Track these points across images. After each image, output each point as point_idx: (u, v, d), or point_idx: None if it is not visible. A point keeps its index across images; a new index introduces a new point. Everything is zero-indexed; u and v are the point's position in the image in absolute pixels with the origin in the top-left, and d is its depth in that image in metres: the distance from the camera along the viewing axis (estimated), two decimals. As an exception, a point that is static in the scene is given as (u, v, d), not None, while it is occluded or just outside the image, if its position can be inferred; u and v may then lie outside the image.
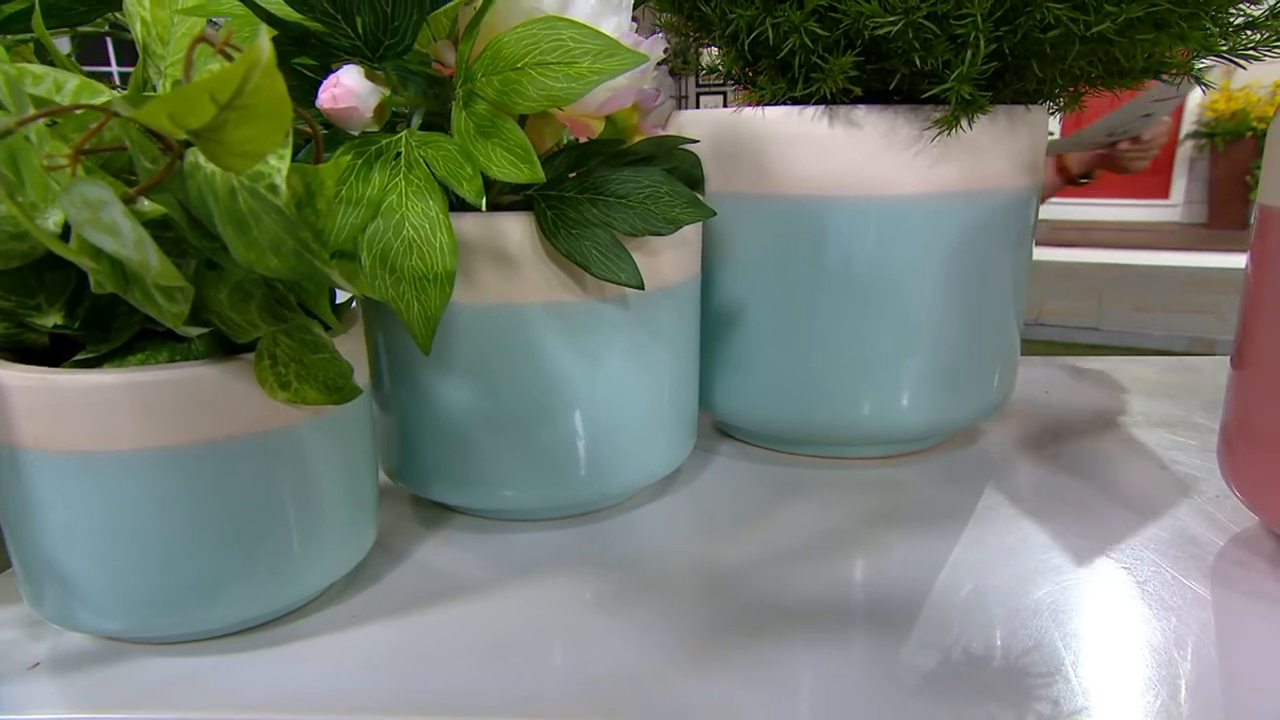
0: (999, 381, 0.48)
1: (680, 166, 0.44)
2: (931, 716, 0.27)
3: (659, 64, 0.41)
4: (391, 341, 0.38)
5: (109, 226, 0.17)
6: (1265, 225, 0.34)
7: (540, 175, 0.27)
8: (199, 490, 0.29)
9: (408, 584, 0.36)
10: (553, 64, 0.26)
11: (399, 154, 0.27)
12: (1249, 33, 0.33)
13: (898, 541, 0.39)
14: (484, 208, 0.27)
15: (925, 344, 0.44)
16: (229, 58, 0.18)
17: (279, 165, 0.19)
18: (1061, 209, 4.51)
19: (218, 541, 0.29)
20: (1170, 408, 0.56)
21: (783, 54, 0.38)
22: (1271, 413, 0.34)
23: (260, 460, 0.29)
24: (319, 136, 0.23)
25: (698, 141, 0.43)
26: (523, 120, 0.34)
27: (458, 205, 0.36)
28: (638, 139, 0.42)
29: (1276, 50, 0.33)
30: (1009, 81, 0.39)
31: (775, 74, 0.41)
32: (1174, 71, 0.41)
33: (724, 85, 0.49)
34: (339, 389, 0.27)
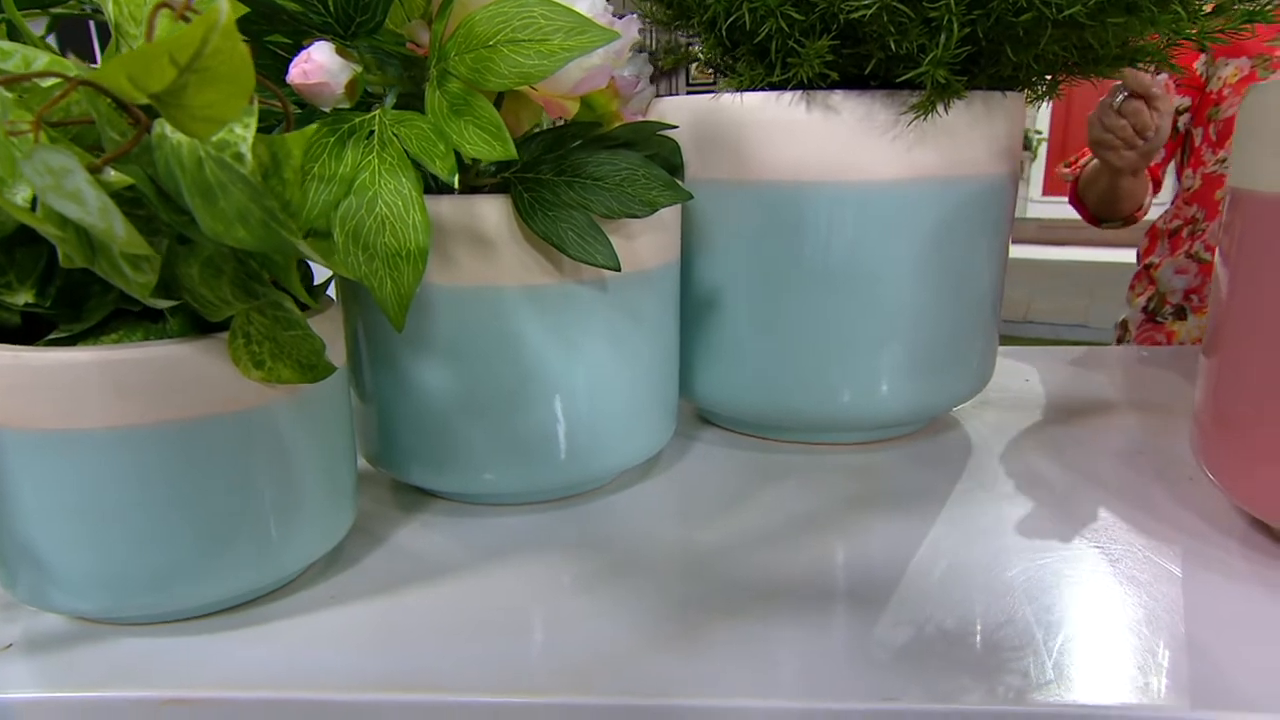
0: (977, 367, 0.48)
1: (660, 153, 0.44)
2: (904, 690, 0.28)
3: (636, 49, 0.41)
4: (370, 326, 0.38)
5: (73, 194, 0.17)
6: (1235, 208, 0.35)
7: (513, 152, 0.27)
8: (173, 469, 0.29)
9: (386, 566, 0.36)
10: (524, 41, 0.26)
11: (372, 132, 0.27)
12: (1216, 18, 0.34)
13: (875, 523, 0.39)
14: (456, 185, 0.27)
15: (903, 330, 0.44)
16: (188, 22, 0.18)
17: (244, 134, 0.19)
18: (1051, 207, 4.54)
19: (193, 521, 0.29)
20: (1148, 394, 0.57)
21: (760, 39, 0.38)
22: (1240, 396, 0.34)
23: (235, 440, 0.29)
24: (289, 110, 0.23)
25: (676, 127, 0.43)
26: (499, 103, 0.34)
27: (435, 188, 0.36)
28: (617, 125, 0.42)
29: (1242, 34, 0.34)
30: (984, 67, 0.39)
31: (753, 60, 0.41)
32: (1148, 60, 0.42)
33: (714, 85, 0.50)
34: (313, 367, 0.28)
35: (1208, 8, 0.34)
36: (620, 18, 0.31)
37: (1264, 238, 0.33)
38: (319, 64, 0.25)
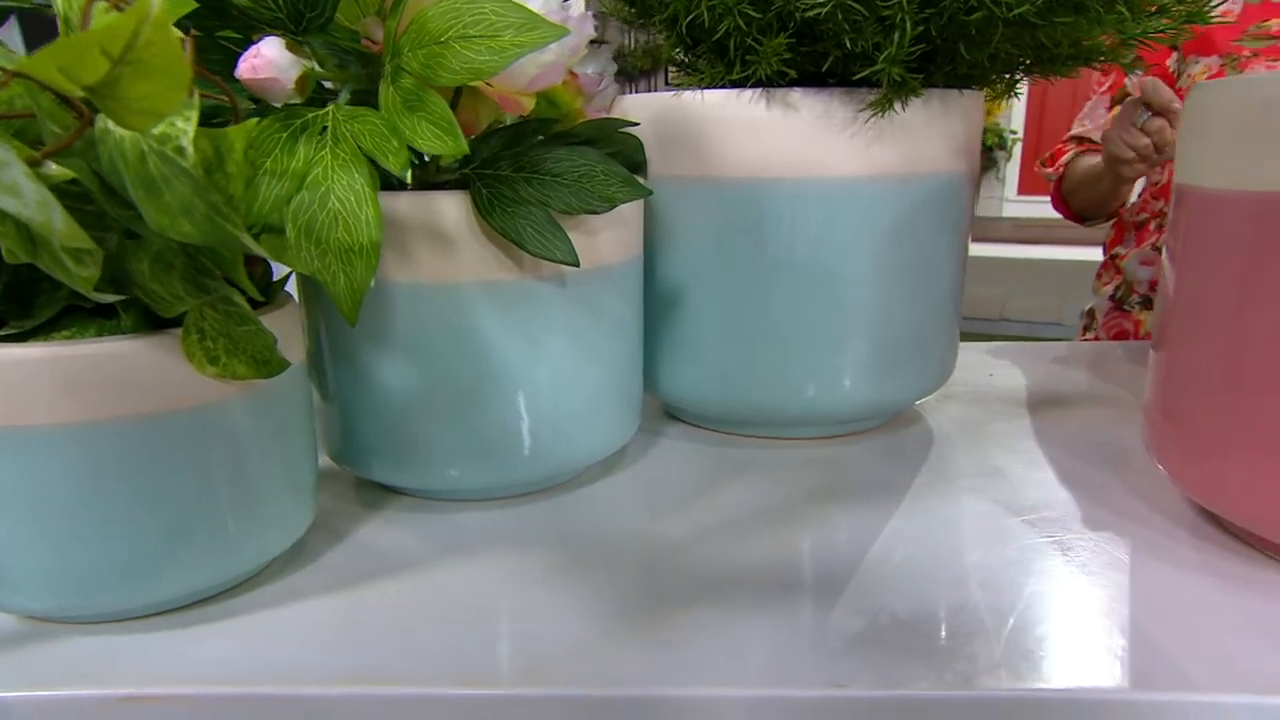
0: (938, 362, 0.49)
1: (623, 150, 0.45)
2: (856, 676, 0.28)
3: (615, 51, 0.41)
4: (331, 323, 0.38)
5: (10, 187, 0.17)
6: (1179, 205, 0.36)
7: (464, 148, 0.27)
8: (127, 466, 0.28)
9: (348, 562, 0.36)
10: (475, 37, 0.26)
11: (325, 128, 0.27)
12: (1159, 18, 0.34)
13: (836, 515, 0.39)
14: (409, 180, 0.27)
15: (865, 326, 0.45)
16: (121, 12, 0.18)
17: (185, 127, 0.19)
18: (1026, 207, 4.58)
19: (148, 518, 0.29)
20: (1106, 388, 0.58)
21: (718, 36, 0.38)
22: (1186, 390, 0.35)
23: (190, 436, 0.29)
24: (236, 104, 0.23)
25: (637, 124, 0.43)
26: (456, 100, 0.34)
27: (395, 184, 0.36)
28: (580, 122, 0.43)
29: (1183, 34, 0.34)
30: (940, 65, 0.40)
31: (714, 57, 0.41)
32: (1102, 60, 0.42)
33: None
34: (266, 362, 0.28)
35: (1152, 8, 0.35)
36: (574, 15, 0.31)
37: (1206, 233, 0.33)
38: (268, 59, 0.25)
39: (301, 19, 0.26)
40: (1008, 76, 0.46)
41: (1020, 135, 4.67)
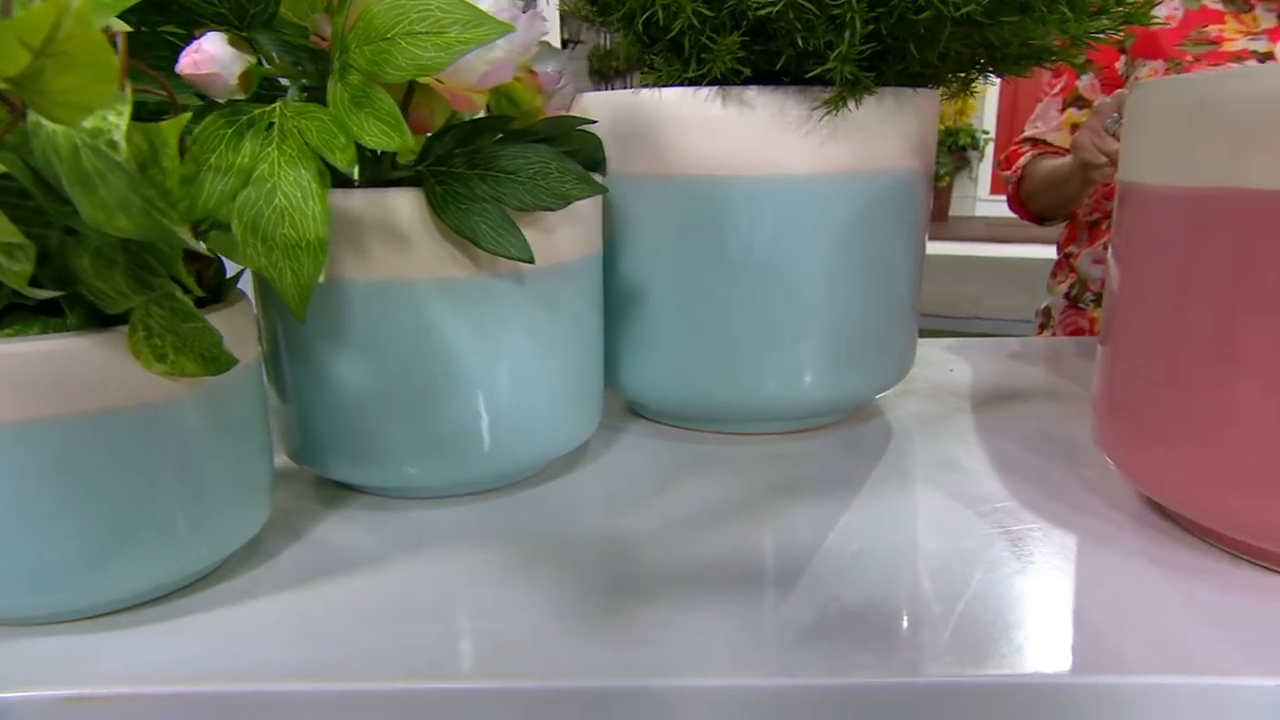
0: (897, 358, 0.50)
1: (583, 148, 0.45)
2: (804, 665, 0.28)
3: (570, 43, 0.41)
4: (287, 321, 0.38)
5: (-62, 181, 0.17)
6: (1123, 201, 0.36)
7: (410, 144, 0.27)
8: (73, 464, 0.28)
9: (304, 560, 0.36)
10: (421, 34, 0.26)
11: (272, 124, 0.27)
12: (1100, 18, 0.35)
13: (794, 509, 0.40)
14: (356, 177, 0.27)
15: (823, 322, 0.45)
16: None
17: (118, 122, 0.19)
18: (999, 206, 4.64)
19: (96, 517, 0.29)
20: (1061, 382, 0.59)
21: (673, 34, 0.39)
22: (1131, 383, 0.36)
23: (138, 434, 0.29)
24: (174, 99, 0.23)
25: (595, 122, 0.43)
26: (409, 97, 0.34)
27: (350, 182, 0.36)
28: (539, 120, 0.43)
29: (1127, 37, 0.35)
30: (892, 63, 0.40)
31: (671, 55, 0.41)
32: (1053, 59, 0.43)
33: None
34: (215, 359, 0.27)
35: (1094, 8, 0.36)
36: (524, 13, 0.32)
37: (1145, 229, 0.34)
38: (209, 54, 0.25)
39: (245, 14, 0.26)
40: (963, 76, 0.47)
41: (992, 135, 4.72)
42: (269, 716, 0.29)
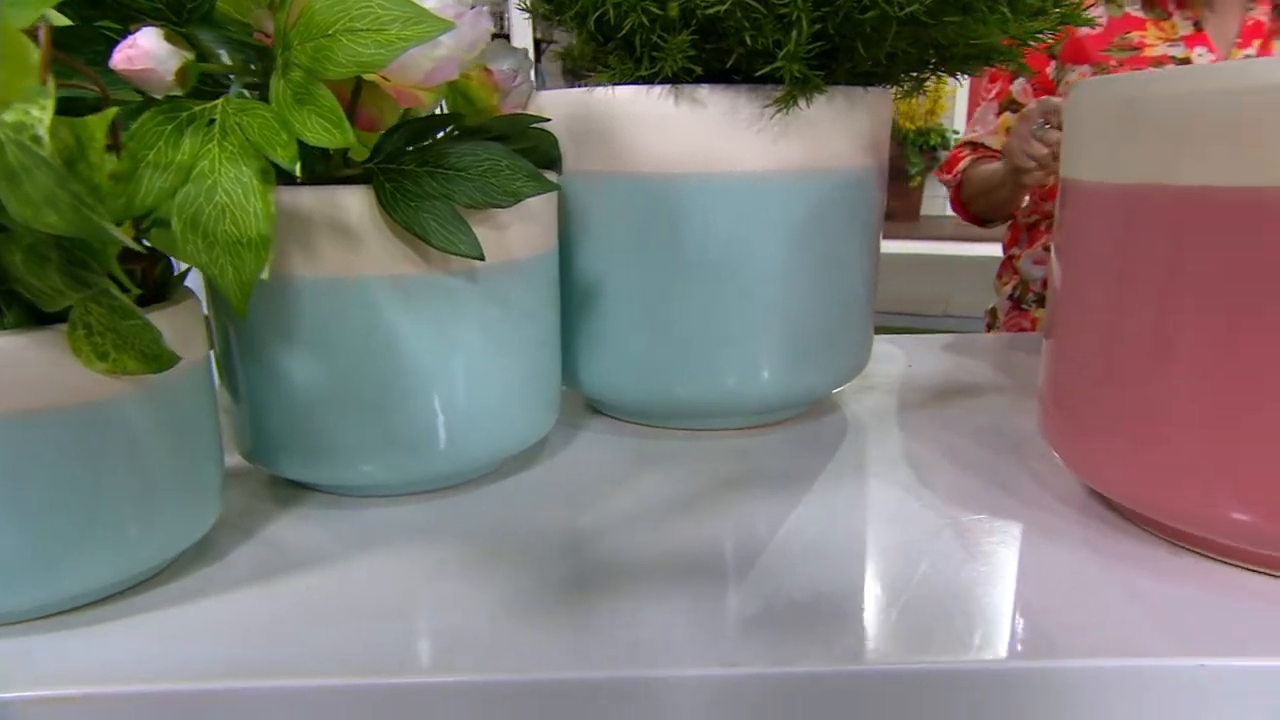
0: (853, 354, 0.50)
1: (539, 146, 0.45)
2: (747, 656, 0.29)
3: (543, 42, 0.41)
4: (237, 319, 0.38)
5: None
6: (1063, 198, 0.37)
7: (352, 140, 0.27)
8: (14, 464, 0.28)
9: (257, 558, 0.36)
10: (362, 31, 0.26)
11: (213, 120, 0.27)
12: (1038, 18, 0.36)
13: (748, 503, 0.40)
14: (298, 173, 0.27)
15: (778, 318, 0.46)
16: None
17: (41, 116, 0.19)
18: (969, 205, 4.68)
19: (39, 517, 0.29)
20: (1014, 377, 0.60)
21: (624, 32, 0.39)
22: (1074, 377, 0.37)
23: (80, 433, 0.29)
24: (106, 94, 0.23)
25: (549, 120, 0.44)
26: (357, 94, 0.34)
27: (301, 179, 0.36)
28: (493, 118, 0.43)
29: (1057, 35, 0.36)
30: (841, 62, 0.41)
31: (623, 54, 0.42)
32: (1001, 60, 0.44)
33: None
34: (157, 357, 0.27)
35: (1033, 9, 0.37)
36: (470, 11, 0.32)
37: (1084, 225, 0.35)
38: (144, 50, 0.25)
39: (182, 9, 0.26)
40: (915, 75, 0.47)
41: (962, 135, 4.77)
42: (219, 714, 0.28)
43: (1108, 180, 0.33)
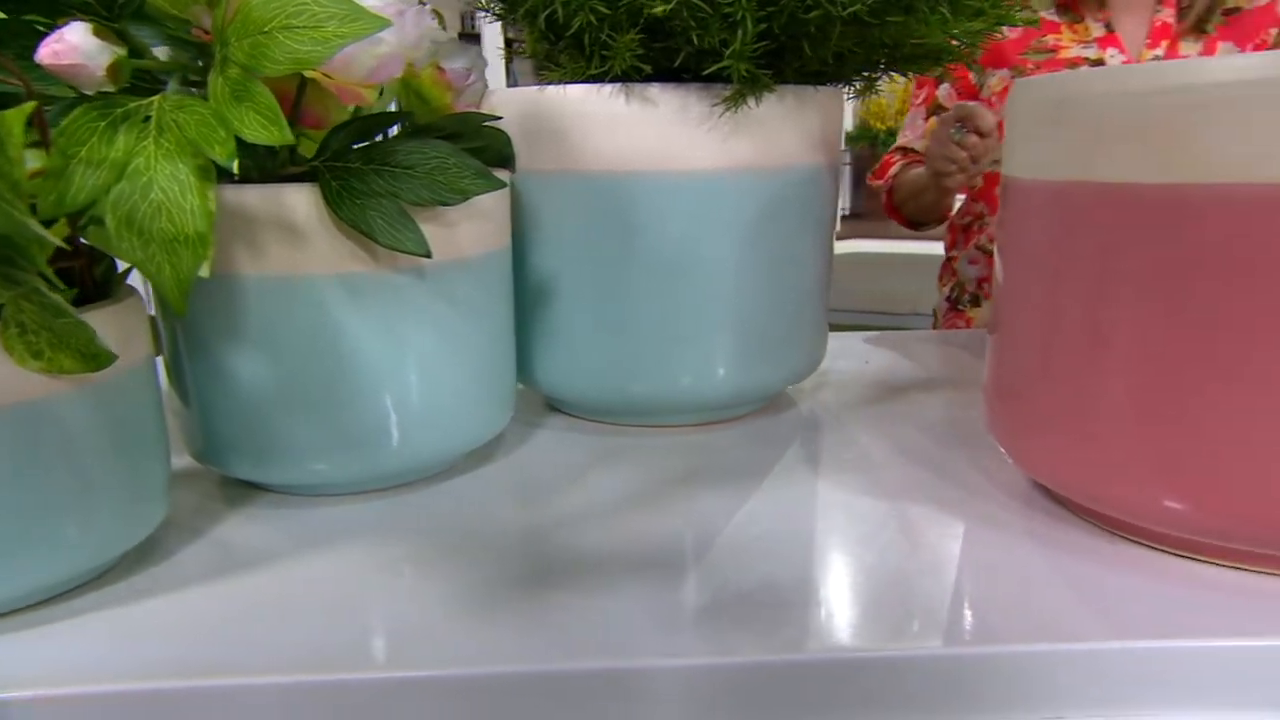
0: (807, 350, 0.51)
1: (492, 144, 0.45)
2: (693, 647, 0.29)
3: (510, 42, 0.41)
4: (186, 320, 0.37)
5: None
6: (1004, 196, 0.38)
7: (289, 137, 0.27)
8: (-53, 464, 0.28)
9: (202, 559, 0.36)
10: (298, 28, 0.26)
11: (149, 117, 0.27)
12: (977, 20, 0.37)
13: (699, 499, 0.41)
14: (236, 170, 0.27)
15: (732, 315, 0.46)
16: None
17: (-43, 111, 0.18)
18: (939, 205, 4.73)
19: (-26, 518, 0.28)
20: (971, 373, 0.61)
21: (573, 31, 0.39)
22: (1015, 371, 0.38)
23: (17, 433, 0.29)
24: (30, 88, 0.23)
25: (500, 118, 0.44)
26: (301, 92, 0.34)
27: (247, 176, 0.36)
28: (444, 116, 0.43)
29: (995, 36, 0.37)
30: (789, 61, 0.41)
31: (575, 52, 0.42)
32: (950, 60, 0.45)
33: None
34: (94, 355, 0.27)
35: (971, 10, 0.37)
36: (411, 8, 0.32)
37: (1022, 220, 0.36)
38: (72, 45, 0.25)
39: (113, 4, 0.26)
40: (867, 75, 0.48)
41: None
42: (165, 714, 0.28)
43: (1040, 178, 0.33)
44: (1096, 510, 0.36)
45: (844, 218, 3.86)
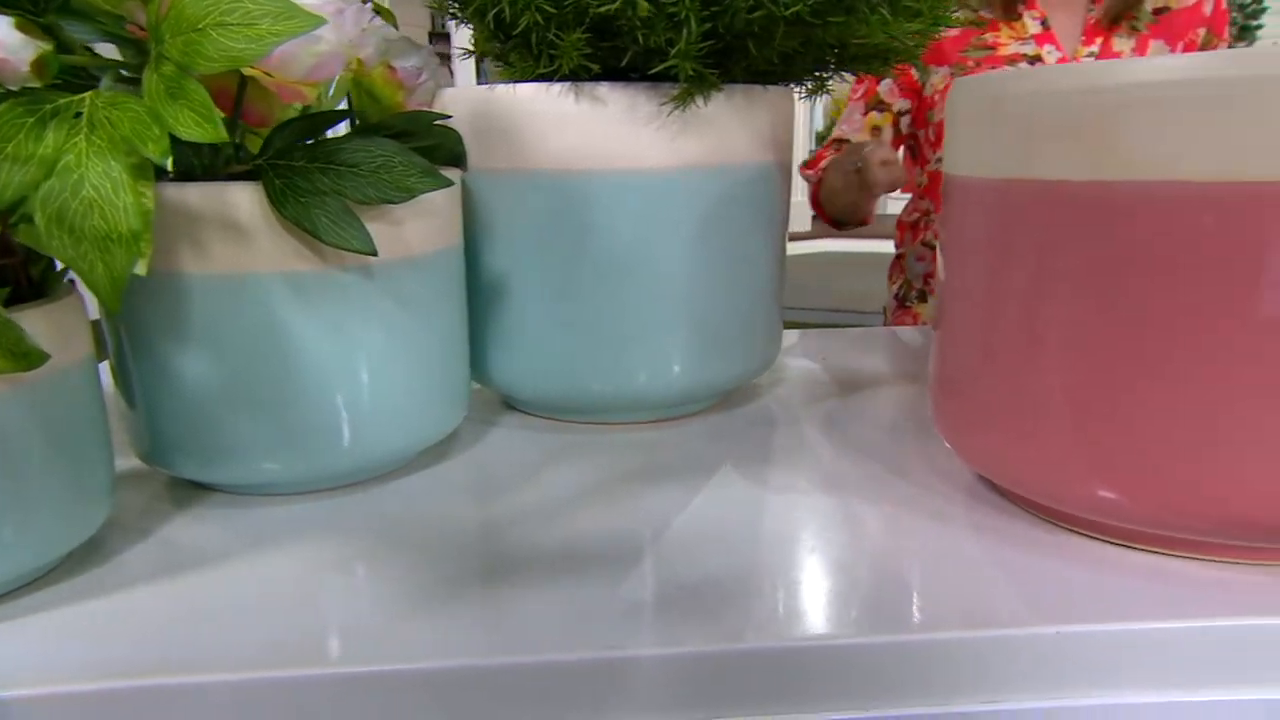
0: (761, 347, 0.51)
1: (443, 143, 0.45)
2: (634, 640, 0.29)
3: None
4: (130, 319, 0.37)
5: None
6: (947, 193, 0.39)
7: (223, 135, 0.27)
8: (-125, 466, 0.27)
9: (149, 559, 0.36)
10: (232, 25, 0.26)
11: (80, 113, 0.27)
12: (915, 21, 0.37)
13: (651, 494, 0.41)
14: (170, 168, 0.27)
15: (685, 312, 0.47)
16: None
17: None
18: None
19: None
20: (925, 369, 0.62)
21: (520, 30, 0.39)
22: (958, 365, 0.38)
23: (-51, 433, 0.28)
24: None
25: (449, 117, 0.44)
26: (241, 89, 0.34)
27: (191, 174, 0.36)
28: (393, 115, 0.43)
29: (933, 36, 0.38)
30: (737, 61, 0.42)
31: (524, 51, 0.42)
32: (898, 60, 0.45)
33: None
34: (25, 354, 0.27)
35: (910, 11, 0.38)
36: (350, 7, 0.32)
37: (962, 217, 0.36)
38: (-6, 41, 0.25)
39: None
40: (818, 75, 0.49)
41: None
42: (102, 715, 0.28)
43: (978, 175, 0.34)
44: (1036, 502, 0.37)
45: (814, 216, 3.90)
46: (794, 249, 3.33)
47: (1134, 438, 0.32)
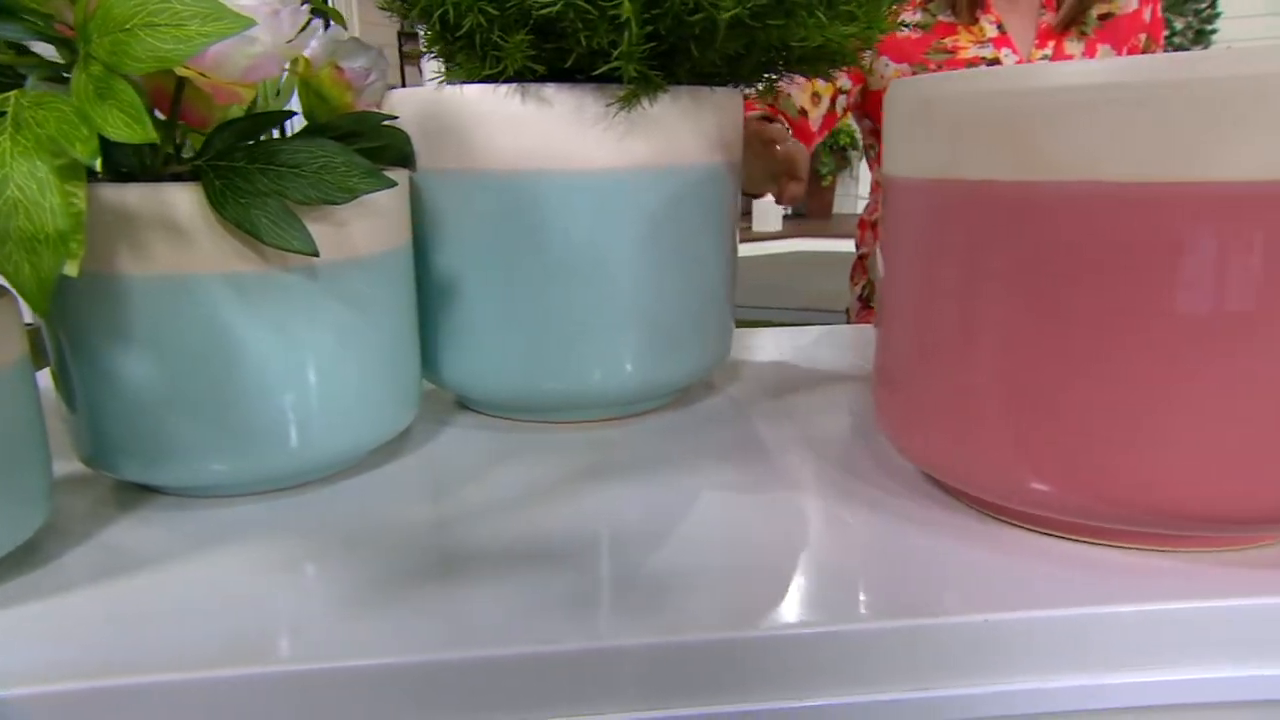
0: (712, 345, 0.52)
1: (392, 143, 0.45)
2: (564, 633, 0.30)
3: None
4: (70, 321, 0.37)
5: None
6: (887, 194, 0.39)
7: (153, 135, 0.27)
8: None
9: (89, 562, 0.35)
10: (161, 26, 0.26)
11: (3, 113, 0.27)
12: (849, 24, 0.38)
13: (602, 491, 0.41)
14: (99, 168, 0.27)
15: (635, 311, 0.47)
16: None
17: None
18: (880, 204, 4.82)
19: None
20: (880, 366, 0.63)
21: (464, 31, 0.39)
22: (898, 362, 0.39)
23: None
24: None
25: (396, 117, 0.44)
26: (179, 90, 0.34)
27: (131, 174, 0.36)
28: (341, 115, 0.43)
29: (870, 39, 0.38)
30: (681, 62, 0.42)
31: (471, 52, 0.42)
32: (843, 62, 0.46)
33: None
34: (-47, 357, 0.27)
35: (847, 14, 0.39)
36: (286, 8, 0.32)
37: (901, 216, 0.37)
38: (-86, 41, 0.24)
39: (-38, 1, 0.25)
40: (767, 76, 0.49)
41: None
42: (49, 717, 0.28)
43: (913, 175, 0.35)
44: (971, 494, 0.38)
45: (786, 217, 3.92)
46: (763, 248, 3.35)
47: (1063, 432, 0.33)
